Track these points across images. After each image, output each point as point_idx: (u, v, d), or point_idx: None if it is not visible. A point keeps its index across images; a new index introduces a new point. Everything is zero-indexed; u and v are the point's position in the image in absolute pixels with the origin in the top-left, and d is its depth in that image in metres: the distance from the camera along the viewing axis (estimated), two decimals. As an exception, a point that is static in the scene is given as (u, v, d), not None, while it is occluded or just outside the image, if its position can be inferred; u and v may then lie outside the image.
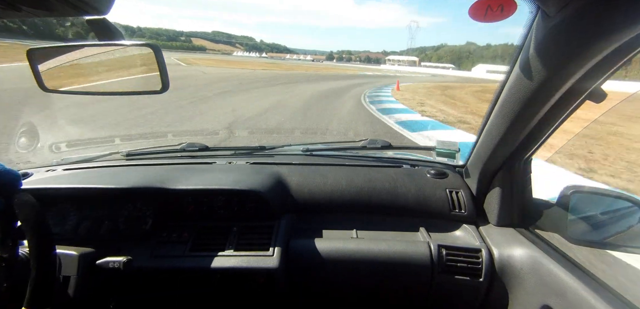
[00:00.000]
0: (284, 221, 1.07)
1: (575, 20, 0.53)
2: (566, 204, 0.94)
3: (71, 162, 1.36)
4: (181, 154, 1.42)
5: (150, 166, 1.29)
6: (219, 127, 5.79)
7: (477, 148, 1.03)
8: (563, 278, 0.77)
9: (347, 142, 1.53)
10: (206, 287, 0.97)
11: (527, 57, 0.66)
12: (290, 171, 1.21)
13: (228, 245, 0.99)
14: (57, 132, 4.57)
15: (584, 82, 0.67)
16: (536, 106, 0.74)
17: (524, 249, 0.91)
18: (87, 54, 0.86)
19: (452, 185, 1.15)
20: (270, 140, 5.64)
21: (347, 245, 1.00)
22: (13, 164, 1.37)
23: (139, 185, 1.07)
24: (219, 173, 1.20)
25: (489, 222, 1.07)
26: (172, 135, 5.17)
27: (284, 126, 6.32)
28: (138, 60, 0.81)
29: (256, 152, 1.44)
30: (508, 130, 0.84)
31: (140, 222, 1.06)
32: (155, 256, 0.97)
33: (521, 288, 0.88)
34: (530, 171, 1.01)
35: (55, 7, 0.48)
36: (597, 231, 0.93)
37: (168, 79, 0.78)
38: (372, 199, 1.12)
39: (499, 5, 0.55)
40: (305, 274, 0.99)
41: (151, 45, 0.76)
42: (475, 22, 0.58)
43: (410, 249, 0.98)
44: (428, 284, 0.96)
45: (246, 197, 1.08)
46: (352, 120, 7.43)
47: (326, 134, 6.08)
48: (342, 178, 1.17)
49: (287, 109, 8.45)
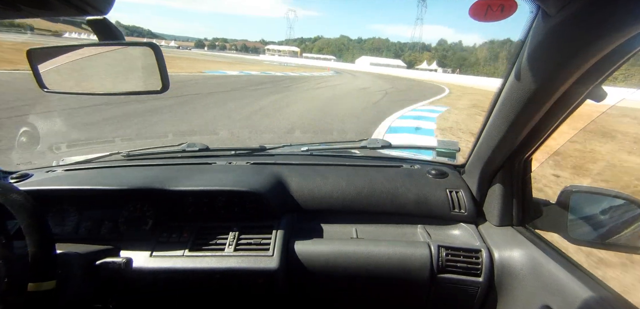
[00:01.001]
0: (284, 221, 1.07)
1: (575, 20, 0.53)
2: (566, 204, 0.94)
3: (71, 163, 1.36)
4: (181, 154, 1.42)
5: (150, 167, 1.29)
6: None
7: (477, 148, 1.03)
8: (563, 278, 0.77)
9: (347, 142, 1.54)
10: (206, 287, 0.97)
11: (527, 57, 0.66)
12: (290, 171, 1.21)
13: (228, 246, 0.99)
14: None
15: (584, 82, 0.67)
16: (536, 106, 0.74)
17: (524, 249, 0.91)
18: (87, 54, 0.86)
19: (452, 185, 1.15)
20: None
21: (347, 246, 1.00)
22: (14, 166, 1.37)
23: (139, 186, 1.07)
24: (219, 173, 1.20)
25: (489, 222, 1.07)
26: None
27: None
28: (138, 60, 0.81)
29: (256, 152, 1.44)
30: (508, 130, 0.84)
31: (141, 222, 1.06)
32: (155, 256, 0.97)
33: (521, 287, 0.88)
34: (530, 171, 1.01)
35: (55, 7, 0.48)
36: (597, 230, 0.93)
37: (168, 79, 0.78)
38: (372, 199, 1.12)
39: (499, 5, 0.55)
40: (305, 275, 0.99)
41: (151, 44, 0.76)
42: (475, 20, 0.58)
43: (410, 249, 0.98)
44: (428, 284, 0.96)
45: (246, 197, 1.08)
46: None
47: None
48: (342, 178, 1.17)
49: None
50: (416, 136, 6.24)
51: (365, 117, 8.16)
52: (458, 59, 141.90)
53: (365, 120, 7.71)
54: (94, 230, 1.04)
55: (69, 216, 1.05)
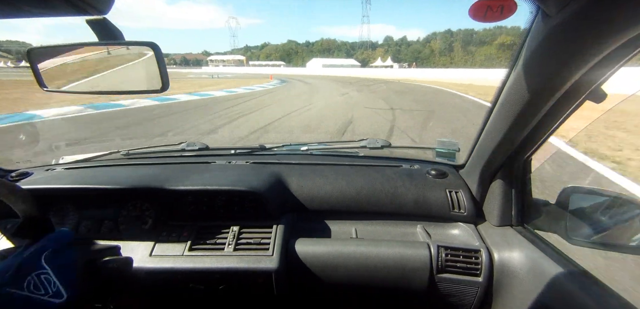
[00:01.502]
0: (283, 221, 1.07)
1: (575, 21, 0.53)
2: (565, 204, 0.94)
3: (71, 162, 1.36)
4: (181, 153, 1.42)
5: (150, 166, 1.29)
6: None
7: (476, 148, 1.04)
8: (562, 278, 0.77)
9: (347, 142, 1.54)
10: (205, 287, 0.98)
11: (527, 57, 0.66)
12: (290, 171, 1.21)
13: (228, 245, 0.99)
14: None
15: (584, 82, 0.67)
16: (536, 106, 0.74)
17: (523, 249, 0.91)
18: (88, 54, 0.86)
19: (452, 185, 1.15)
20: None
21: (347, 246, 1.00)
22: (13, 163, 1.37)
23: (138, 185, 1.07)
24: (219, 173, 1.20)
25: (489, 222, 1.07)
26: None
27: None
28: (138, 59, 0.81)
29: (256, 152, 1.44)
30: (508, 130, 0.84)
31: (140, 221, 1.06)
32: (154, 255, 0.97)
33: (520, 288, 0.88)
34: (529, 171, 1.01)
35: (55, 7, 0.48)
36: (596, 231, 0.93)
37: (168, 78, 0.78)
38: (371, 199, 1.12)
39: (499, 5, 0.55)
40: (305, 274, 0.99)
41: (151, 44, 0.76)
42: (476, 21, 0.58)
43: (409, 249, 0.98)
44: (427, 284, 0.96)
45: (246, 197, 1.08)
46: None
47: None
48: (342, 178, 1.17)
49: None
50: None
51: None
52: (412, 52, 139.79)
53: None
54: (93, 229, 1.04)
55: (68, 214, 1.05)
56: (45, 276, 0.58)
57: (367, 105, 10.92)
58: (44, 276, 0.58)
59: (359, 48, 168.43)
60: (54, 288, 0.59)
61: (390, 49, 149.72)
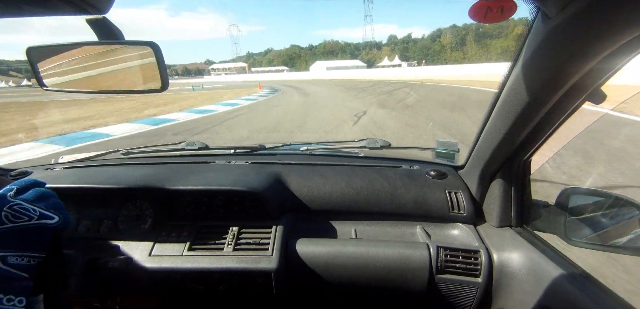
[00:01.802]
0: (283, 221, 1.07)
1: (575, 21, 0.53)
2: (565, 205, 0.94)
3: (70, 161, 1.36)
4: (181, 153, 1.42)
5: (149, 165, 1.29)
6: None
7: (476, 149, 1.04)
8: (561, 279, 0.77)
9: (346, 142, 1.54)
10: (205, 287, 0.97)
11: (527, 58, 0.66)
12: (289, 171, 1.21)
13: (227, 245, 0.99)
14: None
15: (584, 83, 0.67)
16: (536, 107, 0.74)
17: (523, 250, 0.91)
18: (87, 53, 0.86)
19: (451, 185, 1.15)
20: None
21: (346, 246, 1.00)
22: (13, 163, 1.37)
23: (138, 184, 1.06)
24: (219, 173, 1.20)
25: (488, 223, 1.07)
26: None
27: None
28: (138, 59, 0.81)
29: (256, 151, 1.44)
30: (507, 131, 0.84)
31: (140, 221, 1.06)
32: (154, 255, 0.97)
33: (520, 288, 0.88)
34: (529, 172, 1.01)
35: (55, 6, 0.48)
36: (596, 232, 0.93)
37: (168, 78, 0.78)
38: (371, 199, 1.12)
39: (499, 6, 0.55)
40: (304, 274, 0.99)
41: (151, 44, 0.76)
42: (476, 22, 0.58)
43: (409, 249, 0.98)
44: (426, 284, 0.96)
45: (246, 197, 1.08)
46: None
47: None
48: (342, 178, 1.17)
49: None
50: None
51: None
52: (420, 49, 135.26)
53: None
54: (93, 229, 1.04)
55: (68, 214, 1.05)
56: (18, 206, 0.57)
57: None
58: (17, 206, 0.57)
59: (364, 48, 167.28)
60: (35, 213, 0.58)
61: (397, 47, 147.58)
